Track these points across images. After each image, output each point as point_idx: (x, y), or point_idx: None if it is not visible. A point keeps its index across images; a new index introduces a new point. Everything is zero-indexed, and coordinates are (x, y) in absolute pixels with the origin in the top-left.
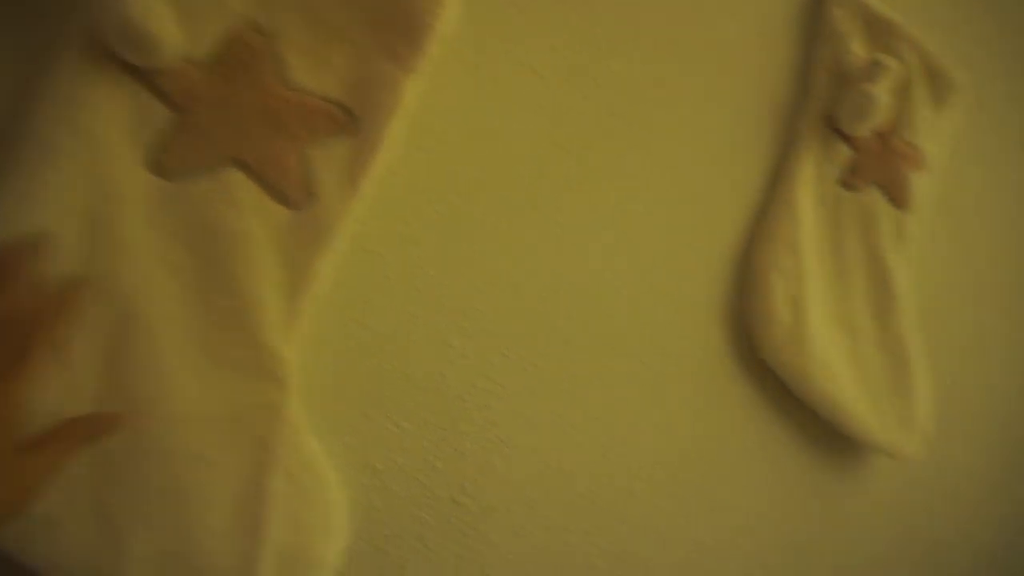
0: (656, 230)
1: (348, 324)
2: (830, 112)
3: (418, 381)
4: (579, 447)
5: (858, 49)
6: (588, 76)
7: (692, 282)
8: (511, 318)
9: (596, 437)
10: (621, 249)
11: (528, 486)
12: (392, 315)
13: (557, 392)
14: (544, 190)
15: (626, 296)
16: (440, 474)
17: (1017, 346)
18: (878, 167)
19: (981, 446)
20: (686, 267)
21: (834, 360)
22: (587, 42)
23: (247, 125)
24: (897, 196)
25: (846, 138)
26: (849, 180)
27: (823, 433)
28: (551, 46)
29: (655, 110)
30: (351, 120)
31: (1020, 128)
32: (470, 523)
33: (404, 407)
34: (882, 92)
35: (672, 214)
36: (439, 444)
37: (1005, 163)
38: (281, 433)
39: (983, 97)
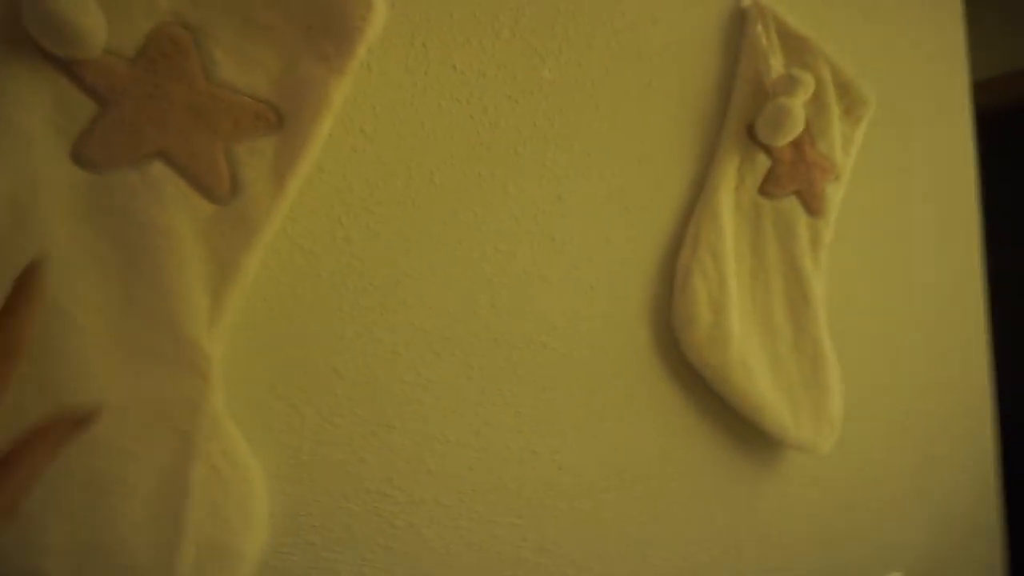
0: (584, 232)
1: (278, 319)
2: (751, 123)
3: (348, 376)
4: (508, 442)
5: (776, 63)
6: (518, 79)
7: (619, 283)
8: (442, 316)
9: (525, 433)
10: (550, 250)
11: (457, 479)
12: (323, 311)
13: (487, 389)
14: (474, 190)
15: (555, 296)
16: (368, 466)
17: (921, 346)
18: (794, 176)
19: (890, 443)
20: (614, 269)
21: (753, 360)
22: (518, 46)
23: (173, 120)
24: (812, 204)
25: (765, 148)
26: (768, 188)
27: (743, 429)
28: (482, 48)
29: (584, 115)
30: (279, 119)
31: (923, 140)
32: (399, 515)
33: (333, 402)
34: (798, 105)
35: (600, 217)
36: (368, 438)
37: (909, 173)
38: (203, 426)
39: (890, 111)
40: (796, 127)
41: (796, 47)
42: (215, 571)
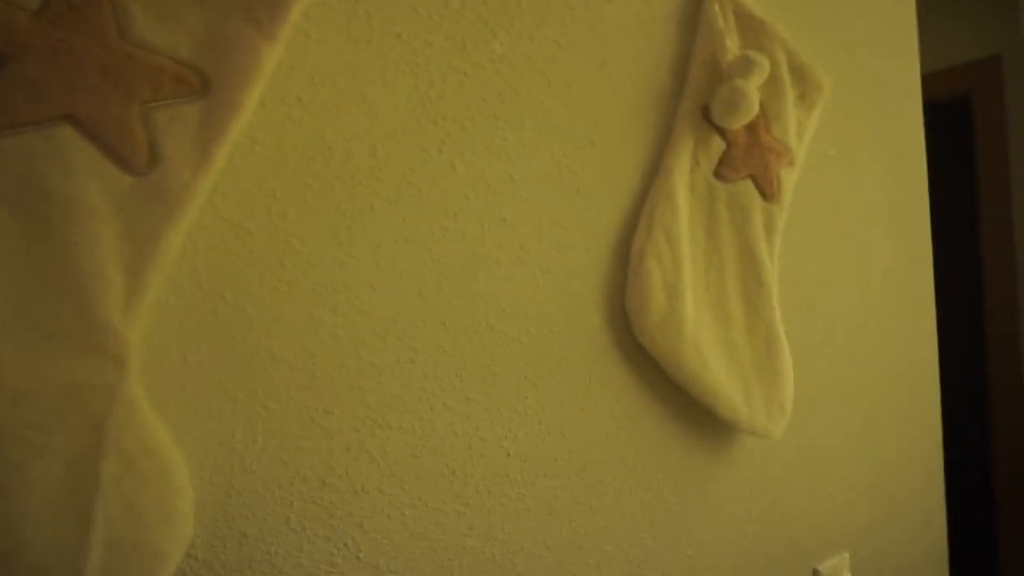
0: (536, 213)
1: (209, 299)
2: (706, 104)
3: (284, 359)
4: (455, 428)
5: (732, 45)
6: (467, 53)
7: (572, 266)
8: (386, 297)
9: (473, 419)
10: (500, 231)
11: (400, 467)
12: (258, 290)
13: (433, 374)
14: (419, 166)
15: (505, 278)
16: (306, 454)
17: (871, 332)
18: (749, 160)
19: (839, 427)
20: (566, 252)
21: (706, 345)
22: (468, 18)
23: (81, 80)
24: (766, 189)
25: (720, 131)
26: (723, 172)
27: (696, 414)
28: (429, 18)
29: (535, 92)
30: (204, 84)
31: (875, 125)
32: (339, 504)
33: (269, 386)
34: (753, 88)
35: (552, 198)
36: (306, 424)
37: (862, 159)
38: (117, 414)
39: (843, 99)
40: (751, 110)
41: (753, 29)
42: (129, 572)
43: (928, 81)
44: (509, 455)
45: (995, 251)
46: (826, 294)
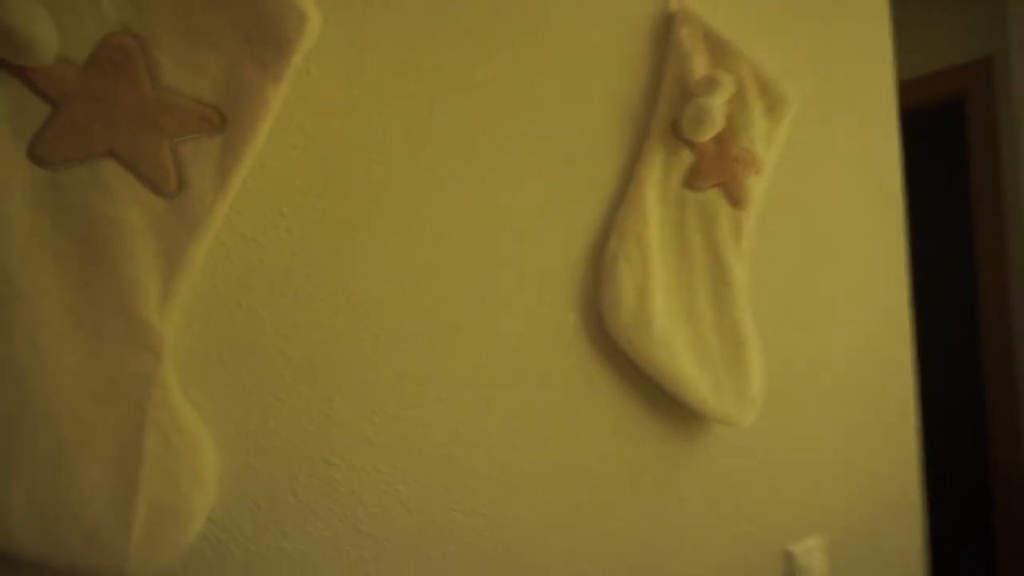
0: (518, 225)
1: (227, 304)
2: (676, 120)
3: (293, 357)
4: (444, 416)
5: (700, 65)
6: (457, 79)
7: (550, 272)
8: (382, 301)
9: (461, 408)
10: (485, 241)
11: (394, 449)
12: (268, 296)
13: (425, 368)
14: (412, 186)
15: (491, 283)
16: (311, 437)
17: (848, 325)
18: (717, 170)
19: (815, 414)
20: (545, 259)
21: (676, 342)
22: (453, 51)
23: (121, 121)
24: (735, 196)
25: (689, 144)
26: (692, 182)
27: (670, 406)
28: (418, 53)
29: (517, 115)
30: (222, 120)
31: (851, 132)
32: (340, 480)
33: (279, 380)
34: (717, 105)
35: (533, 211)
36: (311, 412)
37: (837, 165)
38: (156, 398)
39: (820, 107)
40: (715, 125)
41: (719, 50)
42: (167, 526)
43: (921, 84)
44: (492, 440)
45: (988, 252)
46: (804, 291)
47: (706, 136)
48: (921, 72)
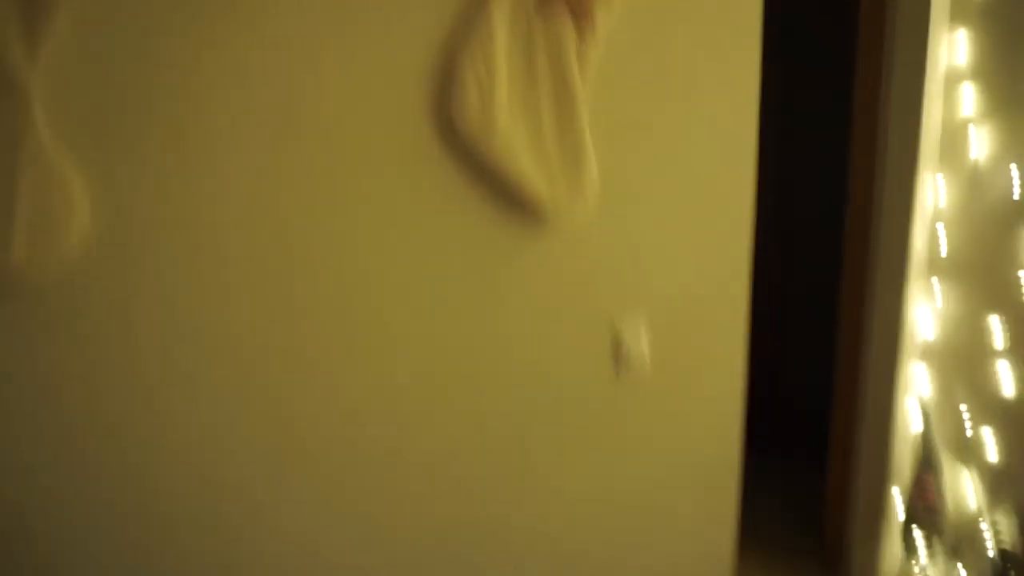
0: (370, 41)
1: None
2: None
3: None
4: (302, 225)
5: None
6: None
7: (404, 85)
8: (240, 85)
9: (316, 217)
10: (344, 64)
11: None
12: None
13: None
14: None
15: (350, 104)
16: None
17: (685, 151)
18: None
19: (652, 220)
20: (399, 73)
21: (518, 145)
22: None
23: None
24: (581, 21)
25: None
26: (542, 8)
27: (513, 205)
28: None
29: None
30: None
31: (711, 44)
32: (201, 233)
33: (141, 147)
34: None
35: (382, 28)
36: (164, 182)
37: (696, 64)
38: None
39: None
40: None
41: None
42: (45, 242)
43: None
44: (358, 243)
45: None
46: (649, 119)
47: None
48: None
